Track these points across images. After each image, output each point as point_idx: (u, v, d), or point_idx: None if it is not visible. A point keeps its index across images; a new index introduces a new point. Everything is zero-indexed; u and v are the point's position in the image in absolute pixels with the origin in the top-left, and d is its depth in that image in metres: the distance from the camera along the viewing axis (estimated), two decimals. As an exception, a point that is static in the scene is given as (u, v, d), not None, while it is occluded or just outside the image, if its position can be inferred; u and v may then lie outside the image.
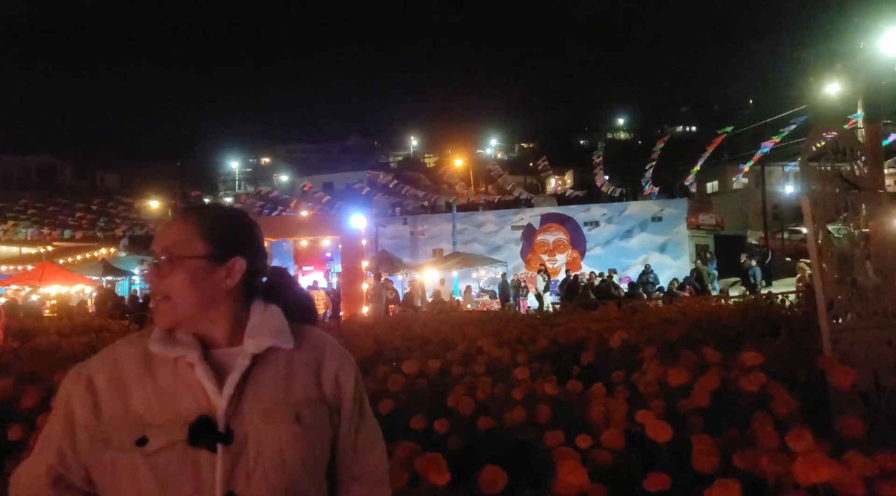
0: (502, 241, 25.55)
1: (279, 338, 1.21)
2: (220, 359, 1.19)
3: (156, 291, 1.19)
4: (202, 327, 1.21)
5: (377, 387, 2.92)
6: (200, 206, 1.34)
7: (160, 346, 1.17)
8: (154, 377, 1.16)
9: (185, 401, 1.14)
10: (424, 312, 14.32)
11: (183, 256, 1.18)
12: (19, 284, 21.19)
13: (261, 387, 1.18)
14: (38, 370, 3.48)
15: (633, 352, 3.54)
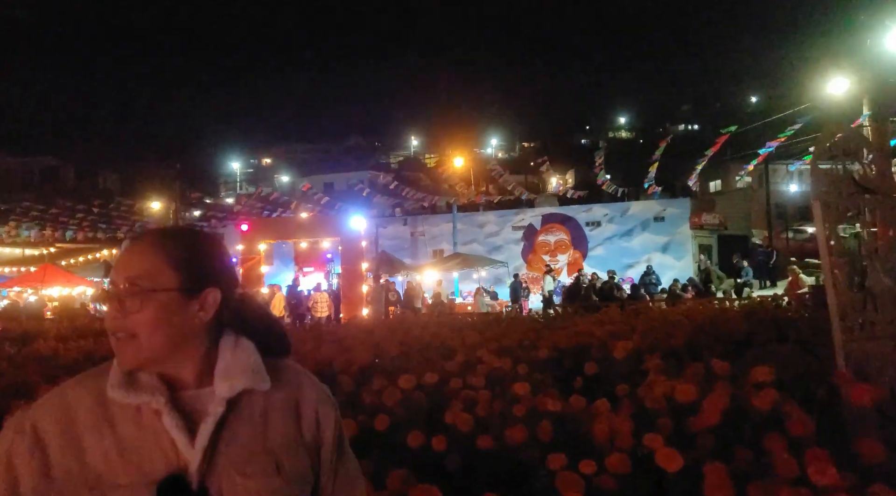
0: (503, 241, 25.44)
1: (254, 380, 1.08)
2: (189, 404, 1.05)
3: (117, 328, 1.03)
4: (169, 367, 1.07)
5: (373, 400, 2.82)
6: (167, 230, 1.17)
7: (121, 392, 1.01)
8: (114, 427, 1.01)
9: (151, 455, 1.00)
10: (424, 314, 14.25)
11: (152, 289, 1.03)
12: (21, 286, 21.14)
13: (236, 436, 1.05)
14: (29, 380, 3.40)
15: (637, 361, 3.44)
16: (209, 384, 1.07)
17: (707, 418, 2.16)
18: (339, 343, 4.60)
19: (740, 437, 2.06)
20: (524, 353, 4.03)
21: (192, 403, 1.05)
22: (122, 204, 29.71)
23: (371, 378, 3.17)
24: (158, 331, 1.03)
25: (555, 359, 4.00)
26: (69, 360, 4.29)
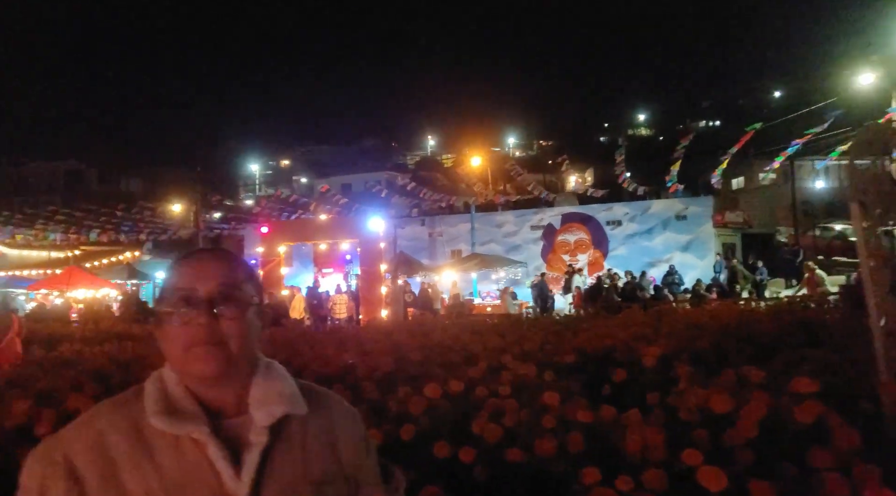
0: (522, 241, 25.31)
1: (292, 405, 1.06)
2: (229, 434, 1.00)
3: (208, 335, 1.00)
4: (216, 390, 1.03)
5: (398, 409, 2.78)
6: (228, 250, 1.18)
7: (164, 420, 0.97)
8: (153, 459, 0.96)
9: (195, 488, 0.96)
10: (442, 315, 14.21)
11: (244, 299, 1.04)
12: (48, 289, 21.46)
13: (280, 466, 1.02)
14: (56, 387, 3.41)
15: (665, 366, 3.35)
16: (245, 411, 1.04)
17: (744, 430, 2.08)
18: (360, 347, 4.58)
19: (781, 452, 1.98)
20: (547, 358, 3.97)
21: (232, 432, 1.01)
22: (145, 207, 30.03)
23: (394, 384, 3.12)
24: (244, 342, 1.03)
25: (579, 364, 3.93)
26: (96, 365, 4.30)
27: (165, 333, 1.03)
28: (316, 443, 1.08)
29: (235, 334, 1.02)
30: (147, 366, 4.07)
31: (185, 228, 32.14)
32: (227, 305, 1.02)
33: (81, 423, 1.02)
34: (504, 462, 2.30)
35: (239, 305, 1.04)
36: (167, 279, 1.07)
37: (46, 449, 0.99)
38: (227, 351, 1.01)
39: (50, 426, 2.52)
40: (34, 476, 0.96)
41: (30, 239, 29.79)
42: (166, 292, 1.04)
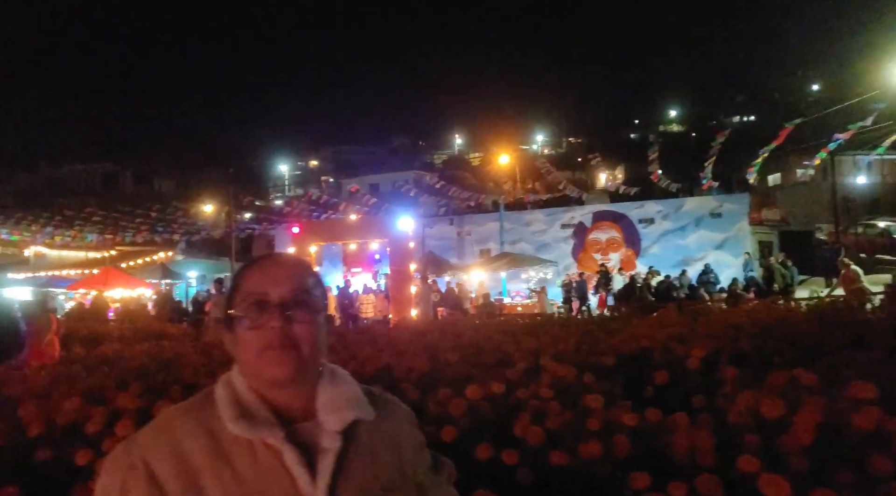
0: (552, 240, 25.14)
1: (362, 410, 1.07)
2: (301, 438, 1.01)
3: (282, 338, 1.01)
4: (286, 395, 1.04)
5: (438, 410, 2.76)
6: (297, 256, 1.22)
7: (242, 425, 0.98)
8: (230, 464, 0.97)
9: (272, 492, 0.96)
10: (472, 315, 14.17)
11: (314, 304, 1.06)
12: (86, 288, 21.98)
13: (352, 471, 1.02)
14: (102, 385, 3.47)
15: (708, 368, 3.28)
16: (313, 416, 1.04)
17: (799, 436, 2.02)
18: (394, 347, 4.57)
19: (839, 459, 1.92)
20: (583, 359, 3.91)
21: (303, 437, 1.01)
22: (178, 208, 30.60)
23: (433, 385, 3.11)
24: (314, 346, 1.04)
25: (618, 365, 3.87)
26: (137, 364, 4.37)
27: (237, 337, 1.04)
28: (383, 448, 1.09)
29: (307, 338, 1.03)
30: (185, 365, 4.13)
31: (218, 229, 32.66)
32: (299, 310, 1.03)
33: (157, 429, 1.03)
34: (548, 465, 2.27)
35: (310, 310, 1.05)
36: (237, 283, 1.08)
37: (125, 452, 0.99)
38: (299, 355, 1.02)
39: (101, 424, 2.55)
40: (115, 478, 0.97)
41: (68, 240, 30.59)
42: (238, 296, 1.05)
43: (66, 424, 2.63)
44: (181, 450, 0.98)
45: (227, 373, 1.09)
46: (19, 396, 3.23)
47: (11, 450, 2.50)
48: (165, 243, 31.76)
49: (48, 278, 25.85)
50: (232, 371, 1.08)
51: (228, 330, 1.06)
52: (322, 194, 36.49)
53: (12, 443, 2.52)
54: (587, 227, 24.59)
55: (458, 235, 27.21)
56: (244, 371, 1.05)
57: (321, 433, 1.03)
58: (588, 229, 24.56)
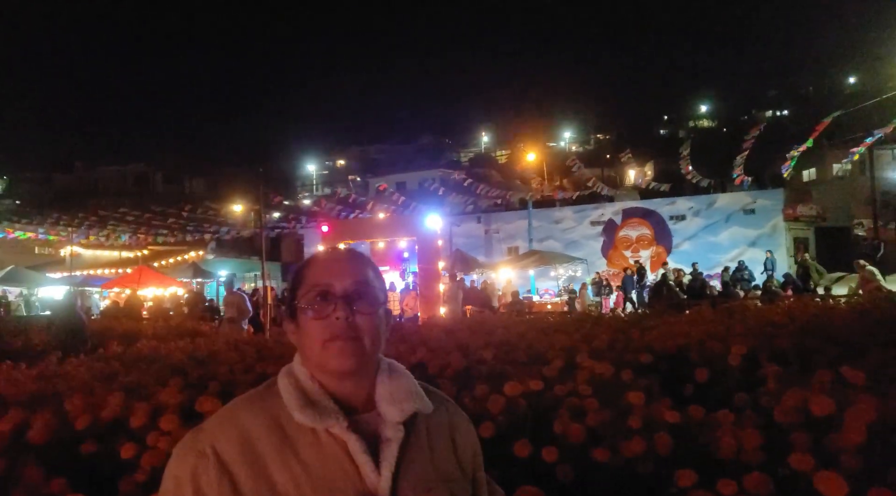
0: (580, 237, 24.97)
1: (421, 403, 1.09)
2: (362, 428, 1.03)
3: (345, 329, 1.03)
4: (347, 386, 1.06)
5: (475, 407, 2.75)
6: (358, 250, 1.22)
7: (309, 415, 1.00)
8: (297, 452, 0.99)
9: (337, 480, 0.98)
10: (502, 313, 14.12)
11: (376, 297, 1.08)
12: (120, 287, 22.48)
13: (412, 460, 1.04)
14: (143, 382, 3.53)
15: (749, 366, 3.21)
16: (372, 408, 1.06)
17: (851, 435, 1.96)
18: (425, 344, 4.58)
19: (894, 458, 1.86)
20: (619, 357, 3.87)
21: (365, 427, 1.03)
22: (208, 207, 31.09)
23: (468, 382, 3.10)
24: (376, 338, 1.07)
25: (654, 363, 3.82)
26: (175, 361, 4.44)
27: (302, 328, 1.06)
28: (440, 441, 1.10)
29: (369, 330, 1.05)
30: (221, 362, 4.19)
31: (247, 228, 33.09)
32: (362, 302, 1.05)
33: (224, 418, 1.04)
34: (589, 462, 2.25)
35: (372, 302, 1.07)
36: (302, 275, 1.09)
37: (194, 440, 1.01)
38: (362, 346, 1.04)
39: (144, 419, 2.60)
40: (185, 465, 0.99)
41: (102, 240, 31.31)
42: (303, 288, 1.07)
43: (111, 419, 2.68)
44: (248, 438, 0.99)
45: (289, 365, 1.10)
46: (65, 391, 3.32)
47: (59, 444, 2.56)
48: (196, 243, 32.28)
49: (84, 277, 26.49)
50: (293, 362, 1.10)
51: (292, 320, 1.09)
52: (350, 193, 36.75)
53: (60, 436, 2.58)
54: (617, 224, 24.35)
55: (485, 233, 27.16)
56: (307, 362, 1.07)
57: (382, 423, 1.04)
58: (618, 226, 24.31)
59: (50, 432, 2.56)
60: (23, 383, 3.68)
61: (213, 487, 0.95)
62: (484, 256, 25.09)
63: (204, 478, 0.96)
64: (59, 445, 2.55)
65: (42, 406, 2.83)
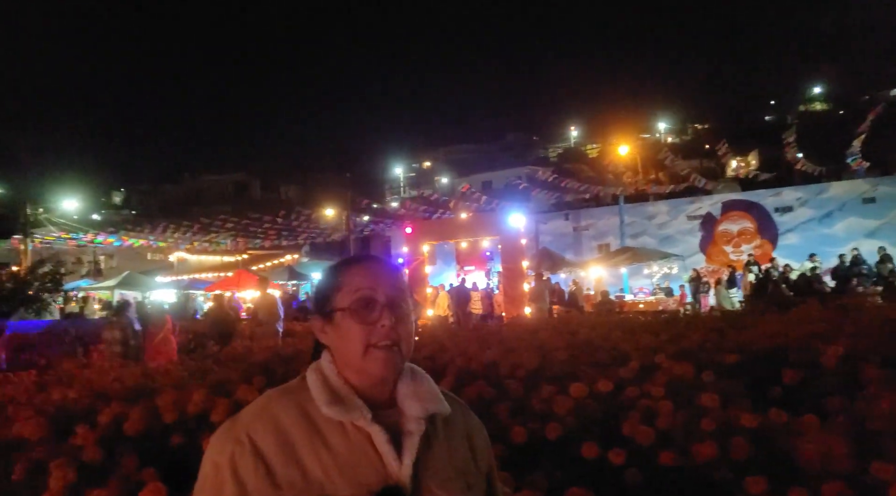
0: (676, 232, 23.96)
1: (440, 404, 1.14)
2: (385, 422, 1.08)
3: (393, 337, 1.09)
4: (380, 386, 1.12)
5: (542, 408, 2.70)
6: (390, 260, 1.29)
7: (336, 408, 1.05)
8: (325, 441, 1.05)
9: (363, 469, 1.03)
10: (589, 313, 13.79)
11: (410, 306, 1.15)
12: (221, 290, 23.84)
13: (432, 453, 1.09)
14: (229, 379, 3.74)
15: (851, 369, 2.96)
16: (394, 405, 1.12)
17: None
18: (503, 344, 4.55)
19: None
20: (707, 357, 3.68)
21: (387, 422, 1.08)
22: (301, 213, 32.34)
23: (538, 383, 3.05)
24: (410, 346, 1.12)
25: (744, 364, 3.60)
26: (261, 359, 4.67)
27: (342, 331, 1.11)
28: (456, 439, 1.16)
29: (406, 338, 1.11)
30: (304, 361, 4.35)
31: (338, 231, 34.22)
32: (403, 310, 1.11)
33: (258, 408, 1.10)
34: (658, 466, 2.16)
35: (408, 310, 1.13)
36: (340, 279, 1.14)
37: (231, 429, 1.07)
38: (400, 353, 1.10)
39: (224, 414, 2.73)
40: (224, 452, 1.04)
41: (205, 245, 33.37)
42: (342, 291, 1.12)
43: (196, 413, 2.85)
44: (281, 428, 1.05)
45: (317, 362, 1.15)
46: (159, 387, 3.57)
47: (151, 435, 2.74)
48: (291, 246, 33.75)
49: (189, 281, 28.31)
50: (322, 359, 1.15)
51: (326, 321, 1.13)
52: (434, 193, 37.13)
53: (152, 428, 2.76)
54: (716, 217, 23.18)
55: (574, 230, 26.60)
56: (341, 361, 1.12)
57: (404, 418, 1.10)
58: (717, 220, 23.14)
59: (143, 425, 2.74)
60: (125, 379, 3.99)
61: (249, 472, 1.01)
62: (573, 254, 24.57)
63: (241, 464, 1.01)
64: (151, 437, 2.74)
65: (138, 400, 3.05)
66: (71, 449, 2.50)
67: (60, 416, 3.00)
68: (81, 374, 4.61)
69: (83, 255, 36.26)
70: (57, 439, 2.63)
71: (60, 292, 20.98)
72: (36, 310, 18.53)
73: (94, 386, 3.67)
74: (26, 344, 9.66)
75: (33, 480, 2.39)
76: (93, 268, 35.50)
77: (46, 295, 19.06)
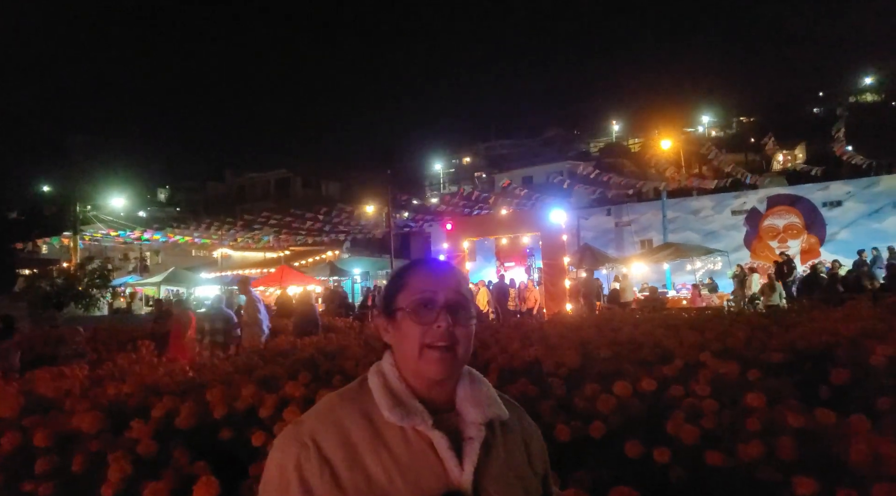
0: (721, 227, 23.43)
1: (499, 409, 1.15)
2: (445, 427, 1.09)
3: (447, 338, 1.10)
4: (436, 389, 1.13)
5: (586, 406, 2.70)
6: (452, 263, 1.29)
7: (398, 413, 1.07)
8: (387, 445, 1.06)
9: (425, 474, 1.04)
10: (632, 309, 13.60)
11: (471, 309, 1.14)
12: (265, 286, 24.27)
13: (491, 459, 1.09)
14: (275, 374, 3.82)
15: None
16: (452, 409, 1.13)
17: None
18: (545, 341, 4.54)
19: None
20: (753, 356, 3.61)
21: (447, 426, 1.09)
22: (343, 210, 32.64)
23: (581, 381, 3.05)
24: (468, 349, 1.12)
25: (791, 363, 3.52)
26: (306, 355, 4.74)
27: (402, 330, 1.12)
28: (514, 444, 1.16)
29: (464, 341, 1.11)
30: (348, 357, 4.41)
31: (379, 228, 34.47)
32: (462, 314, 1.11)
33: (321, 412, 1.12)
34: (702, 465, 2.14)
35: (469, 314, 1.13)
36: (404, 280, 1.16)
37: (296, 432, 1.09)
38: (456, 356, 1.10)
39: (273, 409, 2.81)
40: (290, 455, 1.06)
41: (249, 242, 33.99)
42: (405, 292, 1.14)
43: (244, 408, 2.93)
44: (345, 432, 1.07)
45: (378, 363, 1.17)
46: (209, 382, 3.66)
47: (202, 429, 2.82)
48: (332, 243, 34.11)
49: (233, 277, 28.88)
50: (383, 361, 1.17)
51: (390, 320, 1.15)
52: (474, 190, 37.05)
53: (202, 423, 2.85)
54: (761, 212, 22.58)
55: (616, 226, 26.25)
56: (401, 362, 1.14)
57: (463, 423, 1.10)
58: (763, 215, 22.54)
59: (194, 419, 2.83)
60: (176, 374, 4.11)
61: (315, 475, 1.02)
62: (615, 250, 24.27)
63: (307, 467, 1.03)
64: (202, 431, 2.82)
65: (189, 396, 3.14)
66: (126, 442, 2.58)
67: (115, 410, 3.09)
68: (133, 369, 4.76)
69: (130, 252, 37.39)
70: (113, 432, 2.71)
71: (109, 288, 21.69)
72: (85, 305, 19.24)
73: (146, 380, 3.78)
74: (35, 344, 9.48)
75: (92, 472, 2.47)
76: (139, 265, 36.65)
77: (95, 290, 19.76)
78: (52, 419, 2.86)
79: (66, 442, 2.69)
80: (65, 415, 2.94)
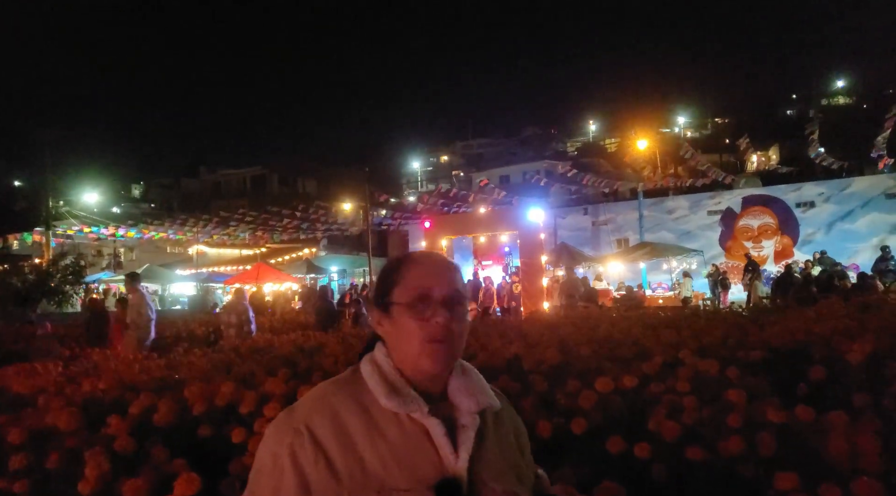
0: (696, 227, 23.79)
1: (491, 399, 1.17)
2: (439, 415, 1.09)
3: (445, 332, 1.10)
4: (428, 379, 1.13)
5: (568, 403, 2.71)
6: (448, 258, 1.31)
7: (395, 401, 1.07)
8: (382, 432, 1.06)
9: (420, 460, 1.04)
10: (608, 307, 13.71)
11: (467, 304, 1.16)
12: (240, 283, 24.06)
13: (485, 447, 1.11)
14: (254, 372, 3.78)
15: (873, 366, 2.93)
16: (445, 398, 1.14)
17: None
18: (524, 339, 4.56)
19: None
20: (729, 354, 3.67)
21: (442, 414, 1.10)
22: (320, 207, 32.40)
23: (563, 377, 3.06)
24: (462, 343, 1.14)
25: (768, 361, 3.58)
26: (284, 353, 4.70)
27: (399, 325, 1.12)
28: (505, 434, 1.18)
29: (459, 335, 1.12)
30: (327, 354, 4.38)
31: (356, 226, 34.29)
32: (458, 309, 1.12)
33: (315, 399, 1.12)
34: (684, 461, 2.16)
35: (464, 309, 1.14)
36: (399, 274, 1.15)
37: (289, 419, 1.08)
38: (452, 350, 1.12)
39: (252, 406, 2.77)
40: (283, 442, 1.05)
41: (224, 238, 33.59)
42: (401, 286, 1.13)
43: (224, 405, 2.89)
44: (339, 419, 1.06)
45: (371, 354, 1.17)
46: (186, 379, 3.61)
47: (180, 427, 2.78)
48: (309, 240, 33.85)
49: (208, 274, 28.58)
50: (376, 351, 1.17)
51: (384, 314, 1.15)
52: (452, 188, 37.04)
53: (181, 420, 2.80)
54: (736, 212, 22.96)
55: (592, 225, 26.48)
56: (396, 356, 1.14)
57: (457, 412, 1.12)
58: (738, 215, 22.92)
59: (173, 416, 2.78)
60: (152, 371, 4.05)
61: (309, 462, 1.02)
62: (591, 249, 24.47)
63: (301, 454, 1.03)
64: (180, 428, 2.78)
65: (166, 392, 3.10)
66: (103, 439, 2.54)
67: (91, 407, 3.05)
68: (107, 366, 4.68)
69: (104, 248, 36.73)
70: (89, 429, 2.67)
71: (82, 284, 21.29)
72: (58, 301, 18.87)
73: (122, 377, 3.72)
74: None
75: (68, 469, 2.42)
76: (113, 261, 36.02)
77: (68, 287, 19.38)
78: (26, 416, 2.80)
79: (41, 439, 2.63)
80: (39, 412, 2.89)
